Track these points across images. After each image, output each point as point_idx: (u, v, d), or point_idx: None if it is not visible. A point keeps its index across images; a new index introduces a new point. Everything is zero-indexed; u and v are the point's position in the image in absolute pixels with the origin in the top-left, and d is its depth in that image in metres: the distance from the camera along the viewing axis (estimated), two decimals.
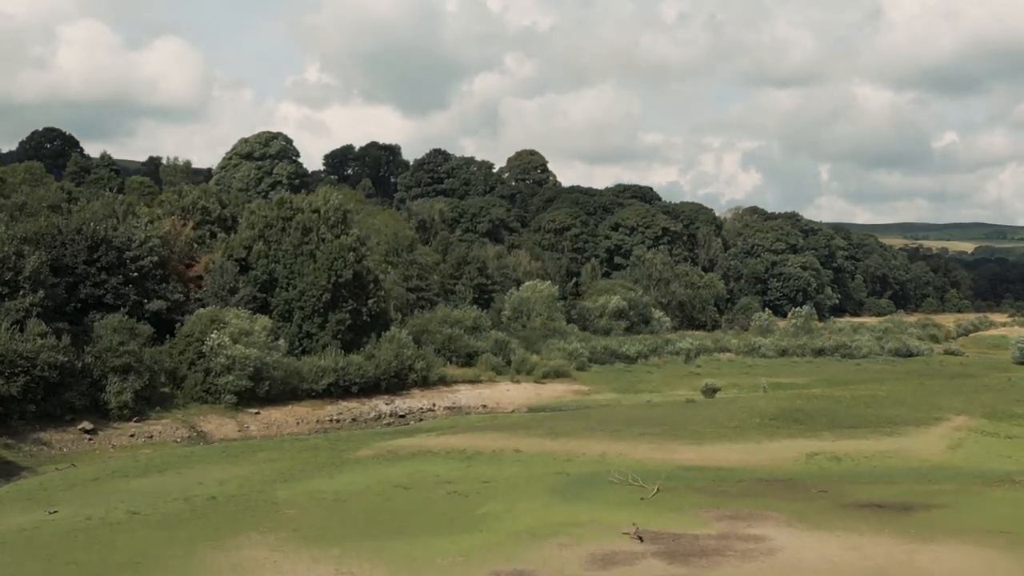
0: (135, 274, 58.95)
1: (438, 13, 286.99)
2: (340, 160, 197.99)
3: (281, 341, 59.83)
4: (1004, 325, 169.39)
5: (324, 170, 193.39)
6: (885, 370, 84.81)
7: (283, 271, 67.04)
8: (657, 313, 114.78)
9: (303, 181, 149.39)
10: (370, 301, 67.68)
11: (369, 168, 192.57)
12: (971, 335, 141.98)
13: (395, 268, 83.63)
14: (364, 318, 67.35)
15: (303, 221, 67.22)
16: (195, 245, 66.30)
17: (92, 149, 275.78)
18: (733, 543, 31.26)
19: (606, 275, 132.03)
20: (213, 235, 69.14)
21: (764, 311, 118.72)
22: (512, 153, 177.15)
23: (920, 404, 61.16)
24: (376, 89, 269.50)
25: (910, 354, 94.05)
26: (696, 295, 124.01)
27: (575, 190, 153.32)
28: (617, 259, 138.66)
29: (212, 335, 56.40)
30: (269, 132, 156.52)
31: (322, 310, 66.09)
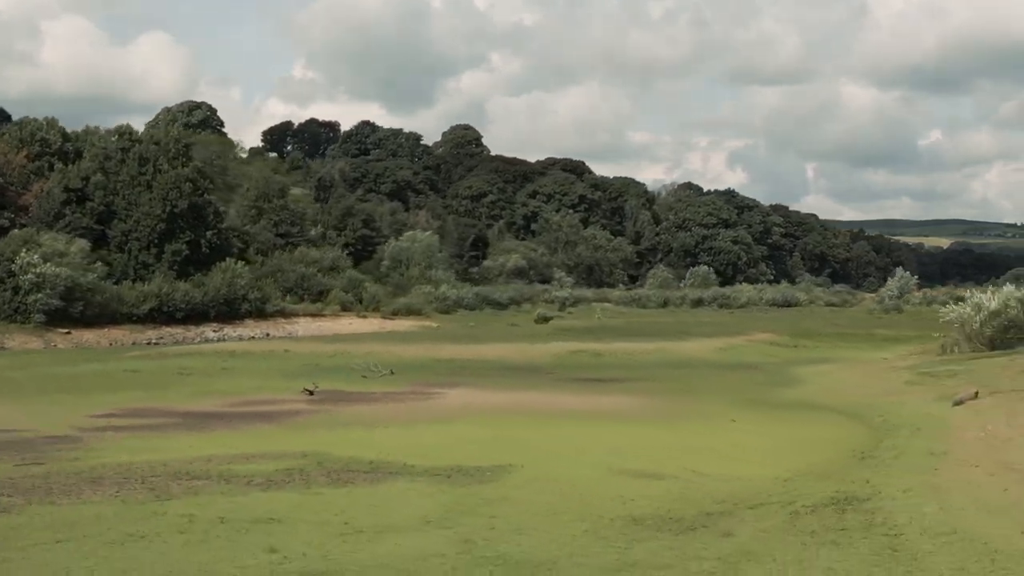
0: None
1: (424, 11, 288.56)
2: (279, 136, 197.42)
3: (99, 264, 59.66)
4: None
5: (262, 146, 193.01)
6: (747, 315, 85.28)
7: (121, 202, 66.91)
8: (559, 273, 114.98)
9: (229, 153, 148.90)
10: (209, 233, 67.52)
11: (308, 144, 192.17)
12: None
13: (264, 213, 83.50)
14: (203, 250, 67.23)
15: (141, 152, 67.03)
16: (31, 176, 66.03)
17: None
18: (399, 396, 31.79)
19: (521, 240, 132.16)
20: (51, 166, 68.87)
21: (661, 267, 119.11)
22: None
23: (733, 325, 61.70)
24: (362, 86, 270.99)
25: (787, 304, 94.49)
26: (604, 258, 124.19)
27: (498, 159, 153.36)
28: (534, 226, 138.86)
29: (22, 254, 56.23)
30: (192, 101, 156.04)
31: (157, 241, 65.98)
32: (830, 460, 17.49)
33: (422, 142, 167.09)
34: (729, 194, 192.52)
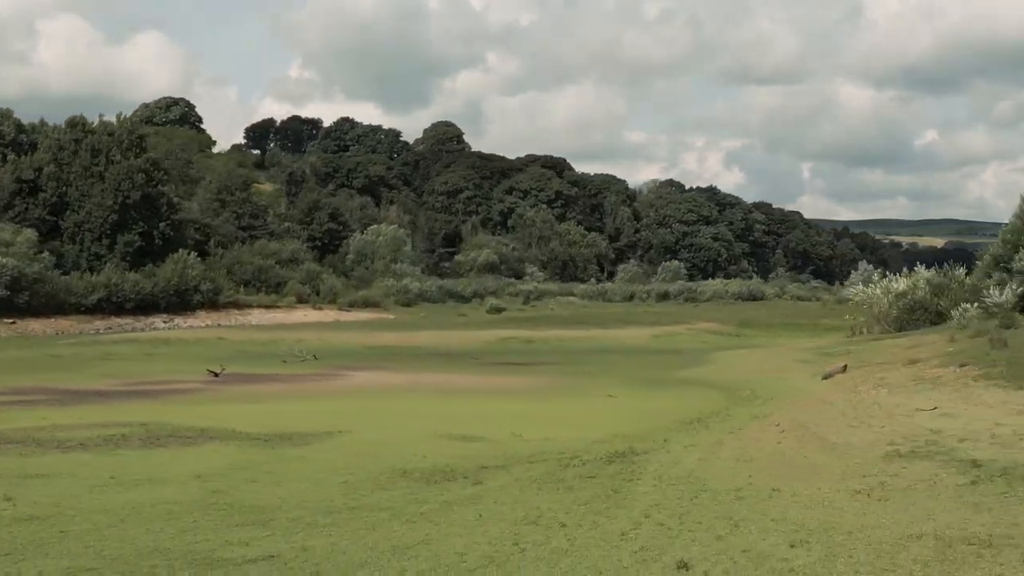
0: None
1: (420, 11, 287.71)
2: (262, 133, 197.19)
3: (46, 254, 59.56)
4: None
5: (245, 143, 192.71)
6: (709, 307, 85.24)
7: (75, 193, 66.81)
8: (531, 268, 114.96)
9: (204, 148, 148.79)
10: (162, 224, 67.42)
11: (292, 141, 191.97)
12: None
13: (227, 206, 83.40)
14: (156, 241, 67.14)
15: (93, 143, 66.91)
16: None
17: None
18: (303, 377, 31.87)
19: (497, 236, 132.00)
20: (4, 157, 68.74)
21: (631, 262, 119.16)
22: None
23: (681, 316, 61.78)
24: (358, 86, 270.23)
25: (753, 298, 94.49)
26: (578, 253, 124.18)
27: (475, 156, 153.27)
28: (510, 222, 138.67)
29: None
30: (170, 98, 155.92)
31: (110, 231, 65.87)
32: (658, 425, 17.53)
33: (401, 138, 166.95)
34: (711, 191, 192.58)
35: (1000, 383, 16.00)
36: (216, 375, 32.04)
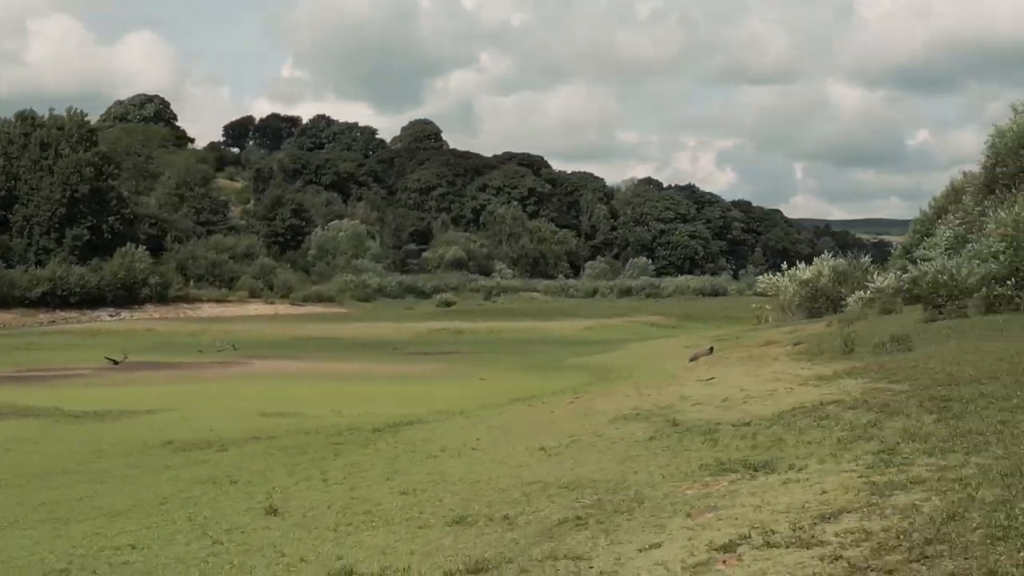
0: None
1: (412, 10, 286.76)
2: (241, 131, 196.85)
3: None
4: None
5: (224, 140, 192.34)
6: (671, 302, 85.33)
7: (23, 187, 66.57)
8: (499, 265, 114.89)
9: (176, 144, 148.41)
10: (111, 218, 67.23)
11: (270, 139, 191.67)
12: None
13: (186, 201, 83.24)
14: (106, 235, 66.93)
15: (43, 136, 66.68)
16: None
17: None
18: (204, 365, 31.85)
19: (469, 233, 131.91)
20: None
21: (598, 259, 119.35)
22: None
23: (624, 310, 61.95)
24: (350, 86, 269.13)
25: (715, 293, 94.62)
26: (548, 250, 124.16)
27: (449, 153, 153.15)
28: (483, 219, 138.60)
29: None
30: (144, 95, 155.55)
31: (58, 225, 65.65)
32: (489, 402, 17.57)
33: (377, 136, 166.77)
34: (689, 189, 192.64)
35: (802, 359, 16.06)
36: (116, 363, 31.98)
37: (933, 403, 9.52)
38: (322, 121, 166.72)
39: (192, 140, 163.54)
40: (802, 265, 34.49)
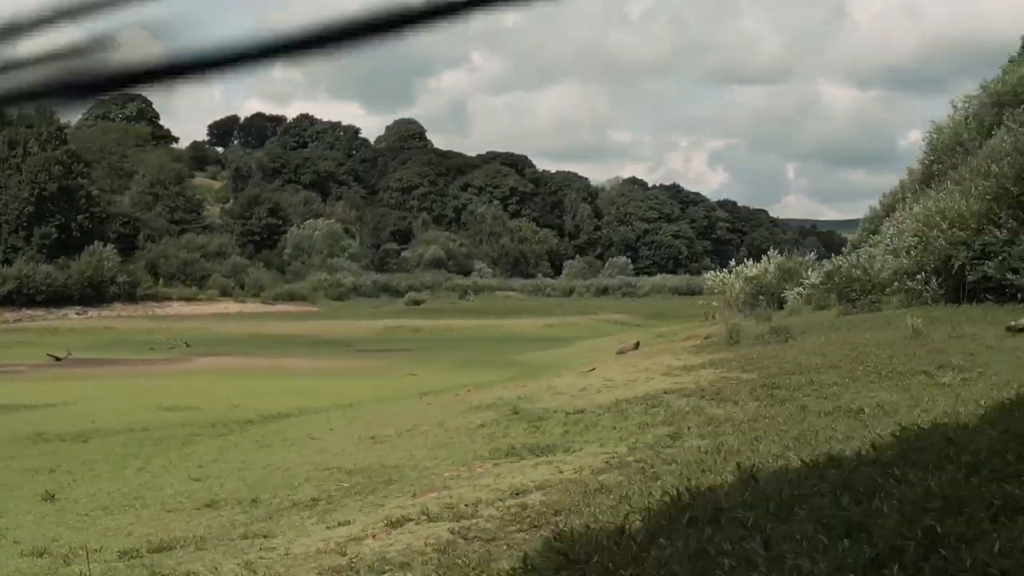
0: None
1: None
2: (226, 130, 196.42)
3: None
4: None
5: (208, 140, 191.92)
6: (646, 301, 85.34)
7: None
8: (479, 264, 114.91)
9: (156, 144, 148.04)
10: (80, 216, 67.05)
11: (254, 138, 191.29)
12: None
13: (160, 200, 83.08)
14: (74, 234, 66.74)
15: (11, 134, 66.45)
16: None
17: None
18: (149, 362, 31.88)
19: (451, 232, 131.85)
20: None
21: (576, 258, 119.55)
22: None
23: (592, 309, 62.17)
24: (342, 86, 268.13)
25: (691, 292, 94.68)
26: (529, 249, 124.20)
27: (432, 152, 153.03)
28: (464, 218, 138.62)
29: None
30: (126, 94, 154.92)
31: (26, 223, 65.45)
32: (384, 396, 17.58)
33: (361, 135, 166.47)
34: (674, 189, 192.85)
35: (692, 351, 16.13)
36: (58, 359, 31.96)
37: (763, 390, 9.57)
38: (305, 120, 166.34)
39: (176, 139, 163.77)
40: (750, 262, 34.52)
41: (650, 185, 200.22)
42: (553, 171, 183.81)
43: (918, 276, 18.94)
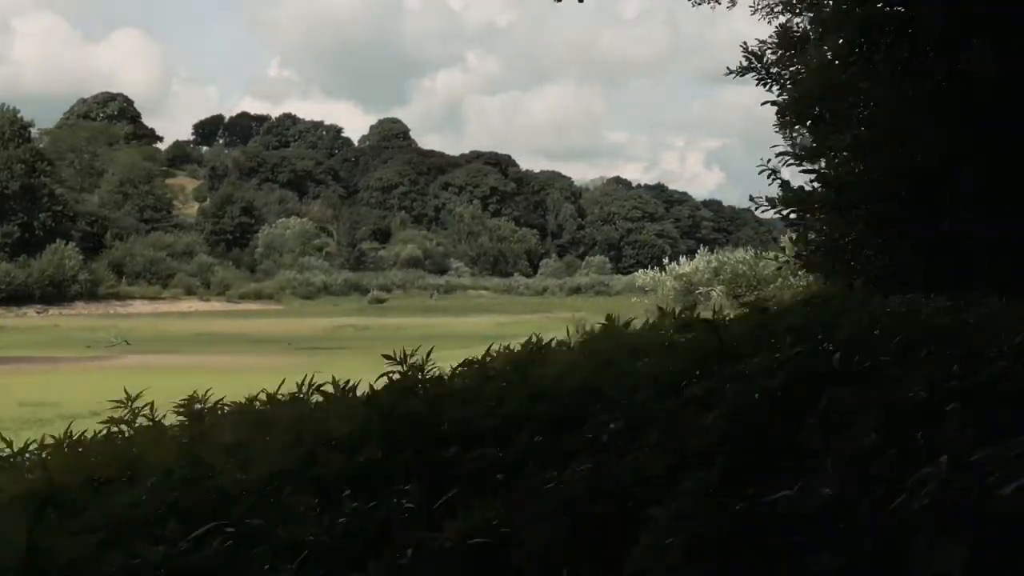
0: None
1: (399, 10, 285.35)
2: (210, 130, 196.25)
3: None
4: None
5: (193, 139, 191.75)
6: (617, 299, 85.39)
7: None
8: (456, 263, 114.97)
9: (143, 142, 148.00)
10: (43, 215, 67.01)
11: (240, 137, 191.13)
12: None
13: (129, 199, 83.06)
14: (37, 232, 66.70)
15: None
16: None
17: None
18: (74, 360, 31.85)
19: (430, 231, 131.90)
20: None
21: (553, 258, 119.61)
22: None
23: (552, 307, 62.32)
24: (337, 85, 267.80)
25: None
26: (508, 248, 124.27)
27: (414, 151, 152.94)
28: (442, 217, 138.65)
29: None
30: (108, 93, 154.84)
31: None
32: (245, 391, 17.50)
33: (343, 134, 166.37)
34: (658, 188, 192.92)
35: None
36: None
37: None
38: (288, 119, 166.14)
39: (161, 138, 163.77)
40: (683, 260, 34.56)
41: (634, 184, 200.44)
42: (537, 171, 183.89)
43: (800, 273, 18.92)
